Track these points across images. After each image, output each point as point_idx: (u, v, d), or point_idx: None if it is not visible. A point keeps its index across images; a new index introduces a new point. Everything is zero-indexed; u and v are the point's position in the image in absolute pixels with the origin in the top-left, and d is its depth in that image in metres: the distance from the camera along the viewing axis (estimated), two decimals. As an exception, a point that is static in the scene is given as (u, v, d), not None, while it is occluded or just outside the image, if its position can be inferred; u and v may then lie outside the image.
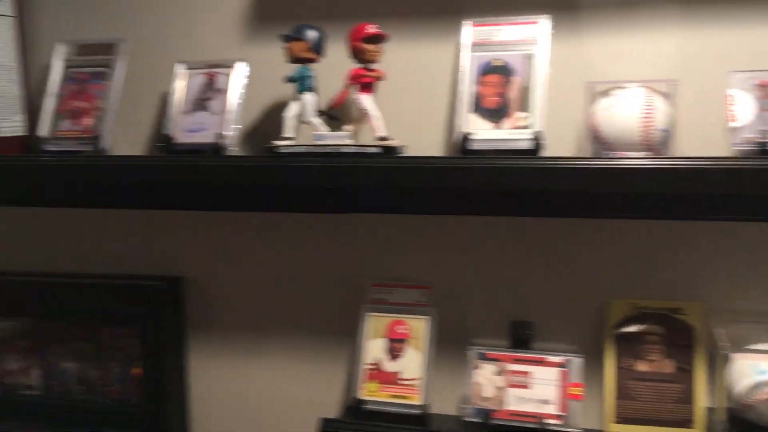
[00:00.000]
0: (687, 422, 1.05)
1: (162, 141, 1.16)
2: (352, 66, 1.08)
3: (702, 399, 1.05)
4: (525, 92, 1.05)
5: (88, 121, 1.21)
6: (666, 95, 1.00)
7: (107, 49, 1.24)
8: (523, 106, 1.05)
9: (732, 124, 0.96)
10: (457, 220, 1.16)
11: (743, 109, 0.96)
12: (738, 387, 0.97)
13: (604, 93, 1.02)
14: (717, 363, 1.03)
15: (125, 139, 1.28)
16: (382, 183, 1.05)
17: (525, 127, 1.03)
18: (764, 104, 0.96)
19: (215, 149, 1.13)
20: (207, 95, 1.17)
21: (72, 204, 1.30)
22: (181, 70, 1.19)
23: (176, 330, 1.29)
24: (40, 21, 1.31)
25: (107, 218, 1.32)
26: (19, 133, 1.28)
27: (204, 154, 1.13)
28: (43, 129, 1.22)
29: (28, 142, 1.29)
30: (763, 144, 0.93)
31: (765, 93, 0.96)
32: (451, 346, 1.17)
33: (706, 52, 1.05)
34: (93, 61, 1.24)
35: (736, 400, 0.98)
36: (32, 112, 1.30)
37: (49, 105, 1.23)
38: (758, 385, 0.95)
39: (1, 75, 1.24)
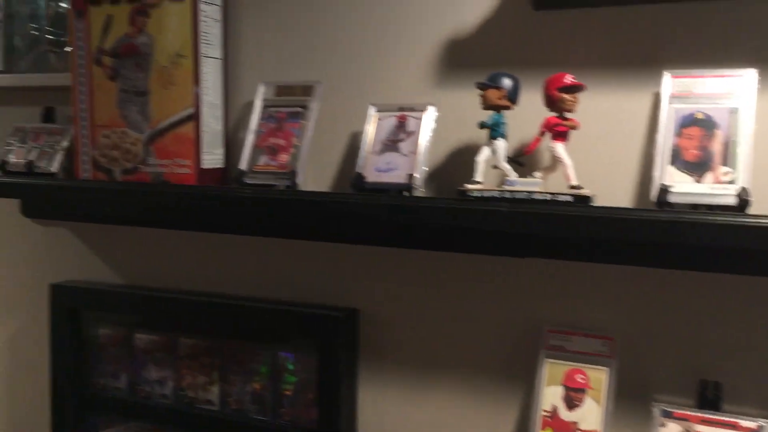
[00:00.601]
0: None
1: (354, 179, 1.21)
2: (545, 114, 1.10)
3: None
4: (729, 147, 1.03)
5: (284, 158, 1.29)
6: None
7: (304, 90, 1.32)
8: (727, 161, 1.02)
9: None
10: (644, 271, 1.14)
11: None
12: None
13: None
14: None
15: (314, 175, 1.35)
16: (573, 232, 1.05)
17: (729, 183, 1.01)
18: None
19: (405, 189, 1.17)
20: (398, 137, 1.22)
21: (262, 233, 1.38)
22: (373, 112, 1.25)
23: (350, 360, 1.34)
24: (242, 62, 1.41)
25: (293, 248, 1.39)
26: (220, 166, 1.38)
27: (394, 194, 1.17)
28: (243, 163, 1.31)
29: (226, 174, 1.39)
30: None
31: None
32: (631, 400, 1.15)
33: None
34: (290, 102, 1.33)
35: None
36: (229, 146, 1.40)
37: (249, 140, 1.32)
38: None
39: (207, 112, 1.35)
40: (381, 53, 1.31)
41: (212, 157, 1.37)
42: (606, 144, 1.15)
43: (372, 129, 1.25)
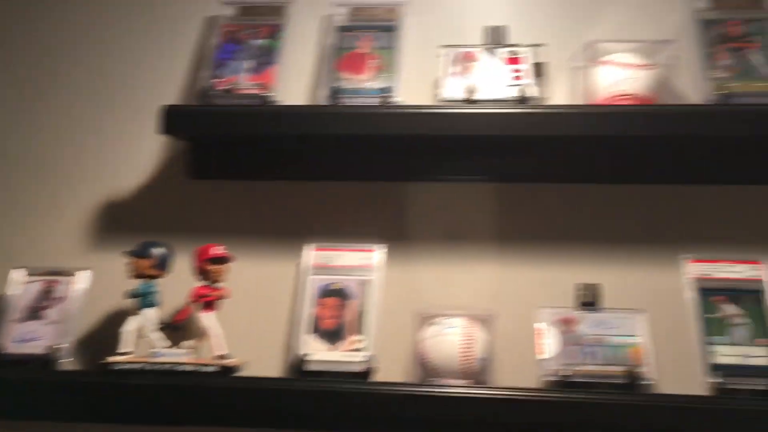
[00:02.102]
0: None
1: (-10, 353, 1.12)
2: (197, 283, 1.12)
3: None
4: (360, 316, 1.12)
5: None
6: (485, 325, 1.10)
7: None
8: (359, 329, 1.12)
9: (540, 357, 1.07)
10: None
11: (550, 342, 1.08)
12: None
13: (431, 321, 1.11)
14: None
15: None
16: (221, 406, 1.06)
17: (359, 350, 1.10)
18: (567, 338, 1.08)
19: (46, 361, 1.10)
20: (43, 303, 1.15)
21: None
22: (17, 276, 1.18)
23: None
24: None
25: None
26: None
27: (33, 366, 1.10)
28: None
29: None
30: (565, 377, 1.04)
31: (568, 328, 1.09)
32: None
33: (520, 286, 1.19)
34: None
35: None
36: None
37: None
38: None
39: None
40: (32, 213, 1.25)
41: None
42: (258, 313, 1.20)
43: (16, 294, 1.17)
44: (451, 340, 1.08)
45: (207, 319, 1.11)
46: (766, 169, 1.21)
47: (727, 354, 1.05)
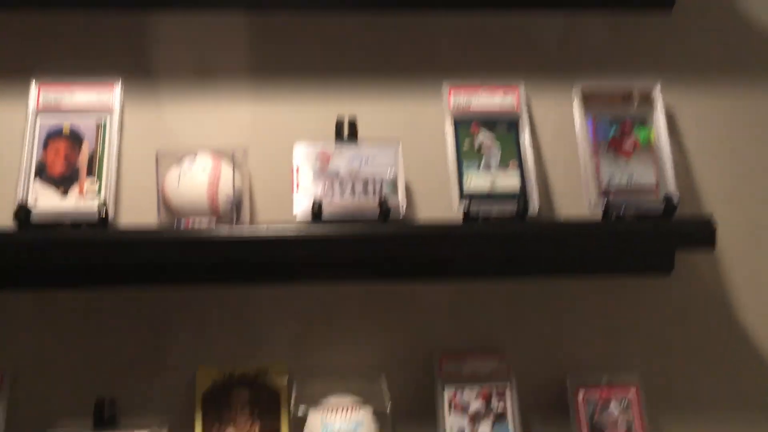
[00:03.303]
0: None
1: None
2: None
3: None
4: (95, 160, 1.01)
5: None
6: (235, 163, 1.02)
7: None
8: (93, 173, 1.00)
9: (295, 193, 1.01)
10: (29, 294, 1.07)
11: (305, 178, 1.02)
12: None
13: (175, 160, 1.01)
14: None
15: None
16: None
17: (93, 196, 0.99)
18: (323, 174, 1.02)
19: None
20: None
21: None
22: None
23: None
24: None
25: None
26: None
27: None
28: None
29: None
30: (316, 212, 0.99)
31: (323, 164, 1.03)
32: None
33: (276, 122, 1.11)
34: None
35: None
36: None
37: None
38: (327, 440, 0.99)
39: None
40: None
41: None
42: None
43: None
44: (197, 178, 0.99)
45: None
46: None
47: (477, 181, 1.04)
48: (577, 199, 1.08)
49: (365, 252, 0.99)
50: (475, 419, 1.06)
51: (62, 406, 1.08)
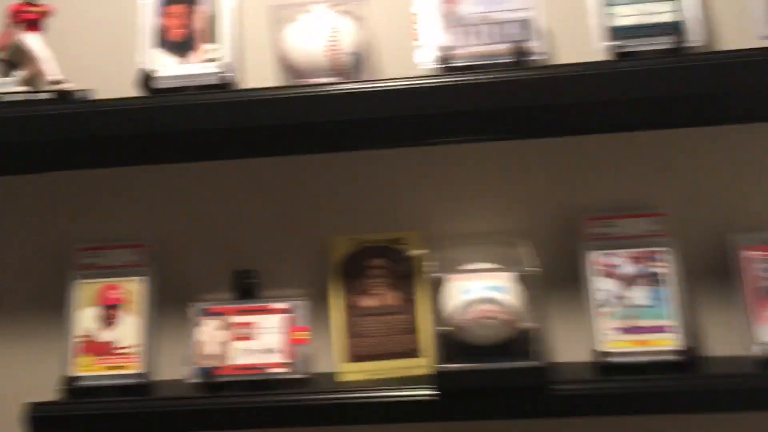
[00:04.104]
0: (413, 352, 1.03)
1: None
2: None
3: (426, 327, 1.03)
4: (212, 22, 0.97)
5: None
6: (355, 16, 0.95)
7: None
8: (211, 37, 0.97)
9: (416, 43, 0.93)
10: (162, 169, 1.07)
11: (427, 27, 0.93)
12: (448, 309, 0.96)
13: (291, 17, 0.96)
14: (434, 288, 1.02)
15: None
16: (62, 133, 0.93)
17: (213, 60, 0.95)
18: (449, 20, 0.93)
19: None
20: None
21: None
22: None
23: None
24: None
25: None
26: None
27: None
28: None
29: None
30: (446, 61, 0.91)
31: (449, 8, 0.94)
32: (177, 306, 1.08)
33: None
34: None
35: (449, 323, 0.96)
36: None
37: None
38: (466, 305, 0.94)
39: None
40: None
41: None
42: (99, 31, 1.04)
43: None
44: (315, 34, 0.93)
45: (30, 40, 0.95)
46: None
47: (626, 14, 0.92)
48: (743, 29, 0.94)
49: (500, 102, 0.90)
50: (627, 282, 0.97)
51: (202, 277, 1.09)
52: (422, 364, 1.02)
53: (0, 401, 1.12)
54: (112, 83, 1.01)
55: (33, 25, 0.95)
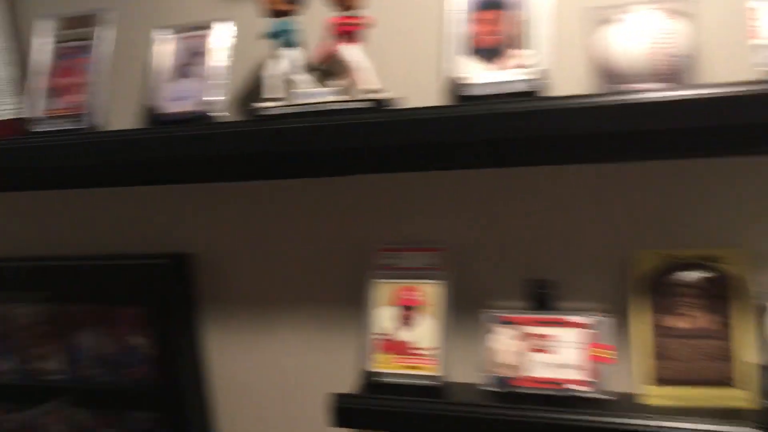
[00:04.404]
0: (727, 380, 0.94)
1: (149, 113, 1.10)
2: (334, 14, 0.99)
3: (743, 355, 0.93)
4: (524, 27, 0.94)
5: (77, 98, 1.17)
6: (684, 15, 0.87)
7: (90, 21, 1.18)
8: (524, 43, 0.94)
9: (754, 42, 0.82)
10: (463, 174, 1.07)
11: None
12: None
13: (610, 19, 0.90)
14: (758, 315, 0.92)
15: (119, 113, 1.22)
16: (376, 140, 0.96)
17: (526, 66, 0.93)
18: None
19: (200, 118, 1.06)
20: (188, 61, 1.10)
21: (69, 185, 1.27)
22: (159, 37, 1.13)
23: (185, 308, 1.25)
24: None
25: (108, 197, 1.28)
26: (12, 116, 1.24)
27: (187, 124, 1.07)
28: (32, 109, 1.18)
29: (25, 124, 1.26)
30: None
31: (801, 2, 0.82)
32: (471, 310, 1.09)
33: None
34: (78, 35, 1.19)
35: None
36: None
37: (36, 84, 1.18)
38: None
39: (-9, 57, 1.21)
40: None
41: (2, 108, 1.23)
42: (409, 40, 1.06)
43: (161, 55, 1.12)
44: (639, 36, 0.87)
45: (350, 52, 0.99)
46: None
47: None
48: None
49: None
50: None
51: (495, 284, 1.08)
52: (738, 396, 0.93)
53: (304, 386, 1.21)
54: (419, 91, 1.04)
55: (351, 36, 0.99)
